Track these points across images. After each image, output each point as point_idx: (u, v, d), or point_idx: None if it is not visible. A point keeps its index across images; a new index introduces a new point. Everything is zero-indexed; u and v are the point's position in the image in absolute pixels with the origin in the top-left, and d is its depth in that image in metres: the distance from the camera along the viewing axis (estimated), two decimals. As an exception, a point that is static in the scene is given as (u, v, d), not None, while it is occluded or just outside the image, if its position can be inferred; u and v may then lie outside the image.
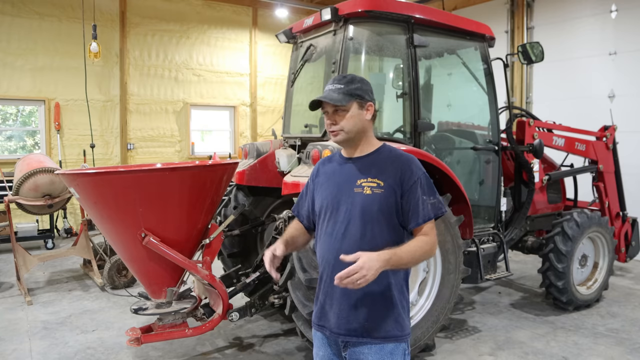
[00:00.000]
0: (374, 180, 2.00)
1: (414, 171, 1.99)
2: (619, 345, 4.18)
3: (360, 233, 1.99)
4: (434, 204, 2.00)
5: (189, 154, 9.96)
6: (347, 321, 2.00)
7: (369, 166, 2.04)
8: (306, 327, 3.46)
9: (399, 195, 1.98)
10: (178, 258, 3.36)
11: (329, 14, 3.96)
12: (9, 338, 4.34)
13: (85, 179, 3.20)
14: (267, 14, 10.67)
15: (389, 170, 2.00)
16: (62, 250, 6.19)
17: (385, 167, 2.02)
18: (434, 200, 2.00)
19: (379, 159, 2.05)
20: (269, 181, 4.50)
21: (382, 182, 1.99)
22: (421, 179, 1.99)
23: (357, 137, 2.05)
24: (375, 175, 2.00)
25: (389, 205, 1.98)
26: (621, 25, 7.31)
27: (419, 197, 1.97)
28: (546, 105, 8.35)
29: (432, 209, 1.99)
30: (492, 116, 4.64)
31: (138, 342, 3.37)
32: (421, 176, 2.00)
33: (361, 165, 2.05)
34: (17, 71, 8.23)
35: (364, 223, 1.98)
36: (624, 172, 5.95)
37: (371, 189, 1.99)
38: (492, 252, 4.56)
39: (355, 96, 2.01)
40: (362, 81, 2.06)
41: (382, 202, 1.97)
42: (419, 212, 1.97)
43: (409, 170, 1.99)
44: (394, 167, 2.01)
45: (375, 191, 1.98)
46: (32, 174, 5.42)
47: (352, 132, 2.03)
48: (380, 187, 1.98)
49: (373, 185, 1.99)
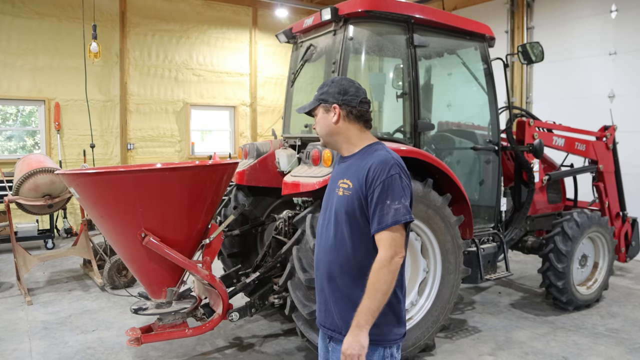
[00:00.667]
0: (346, 181, 1.99)
1: (381, 172, 1.89)
2: (619, 345, 4.18)
3: (332, 234, 2.01)
4: (397, 209, 1.86)
5: (189, 154, 9.96)
6: (325, 315, 2.08)
7: (349, 167, 2.03)
8: (306, 327, 3.46)
9: (363, 197, 1.92)
10: (178, 258, 3.36)
11: (329, 14, 3.96)
12: (9, 338, 4.34)
13: (85, 179, 3.20)
14: (267, 14, 10.67)
15: (359, 171, 1.96)
16: (62, 250, 6.19)
17: (359, 167, 1.97)
18: (398, 205, 1.86)
19: (359, 159, 2.01)
20: (269, 181, 4.50)
21: (351, 183, 1.96)
22: (386, 181, 1.87)
23: (331, 140, 2.07)
24: (350, 176, 1.99)
25: (354, 207, 1.94)
26: (621, 25, 7.31)
27: (380, 201, 1.87)
28: (546, 105, 8.35)
29: (394, 214, 1.85)
30: (492, 116, 4.64)
31: (138, 342, 3.37)
32: (387, 178, 1.88)
33: (345, 166, 2.07)
34: (17, 71, 8.23)
35: (336, 224, 2.00)
36: (624, 172, 5.95)
37: (343, 190, 1.99)
38: (492, 252, 4.56)
39: (319, 101, 2.05)
40: (333, 84, 2.05)
41: (348, 204, 1.95)
42: (379, 217, 1.87)
43: (376, 171, 1.90)
44: (364, 167, 1.94)
45: (345, 193, 1.98)
46: (32, 174, 5.42)
47: (322, 135, 2.07)
48: (349, 188, 1.96)
49: (345, 187, 1.99)
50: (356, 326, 1.83)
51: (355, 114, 2.04)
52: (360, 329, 1.82)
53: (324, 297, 2.07)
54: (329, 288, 2.03)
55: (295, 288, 3.46)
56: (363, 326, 1.82)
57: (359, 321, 1.83)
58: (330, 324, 2.05)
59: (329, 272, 2.02)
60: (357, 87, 2.08)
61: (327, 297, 2.05)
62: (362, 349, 1.81)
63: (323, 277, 2.06)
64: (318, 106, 2.06)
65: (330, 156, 3.50)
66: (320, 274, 2.08)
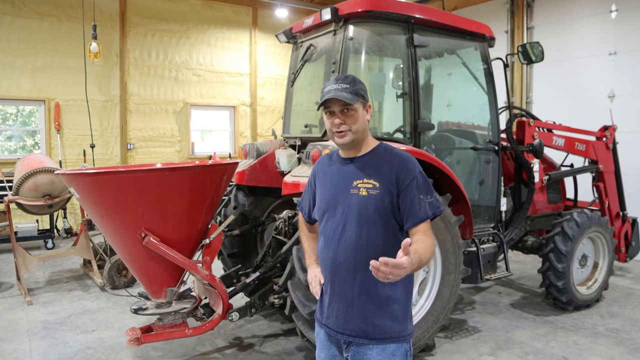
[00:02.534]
0: (369, 181, 1.98)
1: (410, 170, 1.97)
2: (619, 345, 4.18)
3: (356, 234, 1.98)
4: (431, 202, 1.96)
5: (189, 154, 9.96)
6: (345, 321, 2.00)
7: (365, 167, 2.03)
8: (306, 327, 3.46)
9: (395, 195, 1.96)
10: (178, 258, 3.36)
11: (329, 14, 3.96)
12: (9, 338, 4.34)
13: (85, 179, 3.20)
14: (267, 14, 10.67)
15: (384, 170, 1.98)
16: (62, 250, 6.18)
17: (381, 167, 2.00)
18: (431, 199, 1.97)
19: (375, 159, 2.04)
20: (269, 181, 4.51)
21: (377, 182, 1.97)
22: (417, 177, 1.96)
23: (362, 137, 2.05)
24: (371, 176, 1.99)
25: (384, 205, 1.95)
26: (621, 25, 7.31)
27: (415, 196, 1.94)
28: (546, 105, 8.35)
29: (430, 207, 1.95)
30: (492, 116, 4.64)
31: (138, 342, 3.37)
32: (417, 175, 1.97)
33: (357, 166, 2.04)
34: (17, 71, 8.23)
35: (360, 224, 1.97)
36: (624, 172, 5.95)
37: (367, 190, 1.98)
38: (492, 252, 4.56)
39: (360, 96, 2.01)
40: (361, 82, 2.07)
41: (378, 203, 1.95)
42: (415, 212, 1.93)
43: (405, 169, 1.97)
44: (390, 166, 1.98)
45: (371, 192, 1.97)
46: (32, 174, 5.42)
47: (359, 132, 2.02)
48: (375, 187, 1.97)
49: (369, 187, 1.98)
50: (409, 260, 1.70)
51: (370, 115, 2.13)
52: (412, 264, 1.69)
53: (345, 302, 2.00)
54: (353, 291, 1.98)
55: (295, 288, 3.46)
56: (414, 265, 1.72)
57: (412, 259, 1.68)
58: (353, 330, 1.99)
59: (354, 274, 1.98)
60: None
61: (350, 301, 1.99)
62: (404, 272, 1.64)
63: (345, 281, 2.00)
64: (358, 101, 2.02)
65: (330, 156, 3.49)
66: (340, 279, 2.01)
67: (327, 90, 2.02)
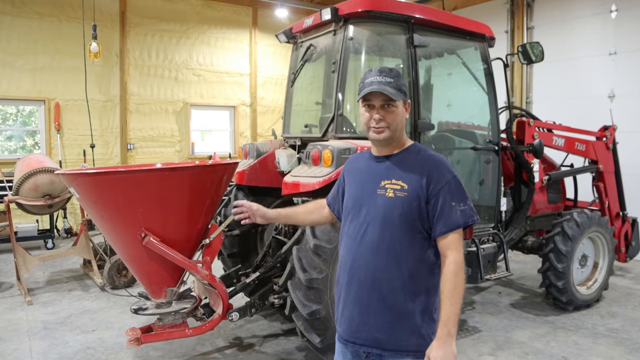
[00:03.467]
0: (398, 182, 1.87)
1: (442, 174, 1.85)
2: (619, 345, 4.18)
3: (378, 238, 1.87)
4: (464, 210, 1.83)
5: (189, 154, 9.96)
6: (358, 329, 1.90)
7: (395, 166, 1.92)
8: (306, 327, 3.46)
9: (423, 200, 1.83)
10: (178, 258, 3.36)
11: (329, 14, 3.96)
12: (9, 338, 4.34)
13: (85, 179, 3.20)
14: (267, 14, 10.67)
15: (415, 172, 1.86)
16: (62, 250, 6.18)
17: (412, 168, 1.88)
18: (464, 206, 1.84)
19: (407, 159, 1.92)
20: (269, 181, 4.50)
21: (406, 184, 1.85)
22: (450, 182, 1.84)
23: (398, 135, 1.94)
24: (400, 177, 1.88)
25: (411, 210, 1.83)
26: (621, 25, 7.31)
27: (446, 203, 1.82)
28: (546, 105, 8.35)
29: (462, 216, 1.83)
30: (492, 116, 4.64)
31: (138, 342, 3.37)
32: (450, 180, 1.85)
33: (388, 165, 1.93)
34: (17, 71, 8.23)
35: (384, 227, 1.86)
36: (624, 172, 5.95)
37: (394, 191, 1.86)
38: (492, 252, 4.56)
39: (403, 92, 1.91)
40: (400, 77, 1.95)
41: (405, 206, 1.84)
42: (445, 219, 1.82)
43: (437, 172, 1.85)
44: (421, 169, 1.86)
45: (398, 194, 1.85)
46: (32, 174, 5.42)
47: (397, 130, 1.92)
48: (403, 189, 1.85)
49: (396, 188, 1.86)
50: (448, 335, 1.73)
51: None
52: (452, 337, 1.73)
53: (360, 308, 1.89)
54: (370, 297, 1.87)
55: (295, 288, 3.46)
56: (454, 334, 1.74)
57: (449, 330, 1.73)
58: (366, 339, 1.88)
59: (372, 279, 1.87)
60: None
61: (366, 307, 1.88)
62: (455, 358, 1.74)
63: (362, 285, 1.89)
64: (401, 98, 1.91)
65: (330, 156, 3.49)
66: (359, 282, 1.90)
67: (370, 82, 1.89)
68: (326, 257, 3.41)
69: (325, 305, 3.41)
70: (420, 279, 1.87)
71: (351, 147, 3.50)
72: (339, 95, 3.93)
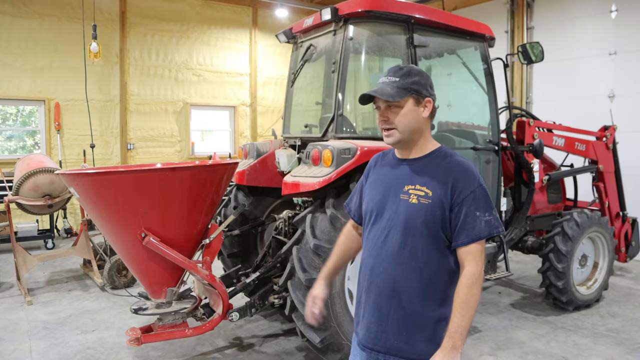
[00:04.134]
0: (422, 188, 1.80)
1: (468, 182, 1.77)
2: (619, 345, 4.18)
3: (399, 244, 1.82)
4: (488, 221, 1.77)
5: (189, 154, 9.96)
6: (376, 336, 1.87)
7: (419, 171, 1.84)
8: (306, 327, 3.46)
9: (447, 208, 1.77)
10: (178, 258, 3.36)
11: (329, 14, 3.96)
12: (9, 338, 4.34)
13: (85, 179, 3.20)
14: (267, 14, 10.67)
15: (440, 178, 1.79)
16: (62, 250, 6.18)
17: (437, 174, 1.80)
18: (489, 217, 1.77)
19: (432, 164, 1.84)
20: (269, 181, 4.50)
21: (430, 191, 1.78)
22: (476, 191, 1.77)
23: (412, 137, 1.85)
24: (425, 183, 1.80)
25: (435, 218, 1.77)
26: (621, 25, 7.31)
27: (470, 212, 1.75)
28: (546, 105, 8.35)
29: (486, 226, 1.76)
30: (492, 116, 4.64)
31: (138, 342, 3.37)
32: (477, 188, 1.77)
33: (412, 169, 1.86)
34: (17, 71, 8.23)
35: (406, 234, 1.80)
36: (624, 172, 5.95)
37: (418, 197, 1.80)
38: (492, 252, 4.56)
39: (411, 91, 1.81)
40: (420, 74, 1.86)
41: (428, 214, 1.77)
42: (468, 229, 1.75)
43: (463, 180, 1.77)
44: (446, 175, 1.79)
45: (422, 201, 1.79)
46: (32, 174, 5.42)
47: (406, 131, 1.83)
48: (427, 196, 1.78)
49: (420, 194, 1.79)
50: (452, 348, 1.68)
51: (434, 113, 1.89)
52: (457, 350, 1.69)
53: (379, 315, 1.85)
54: (389, 305, 1.83)
55: (295, 288, 3.46)
56: (459, 347, 1.69)
57: (454, 342, 1.69)
58: (383, 346, 1.85)
59: (392, 287, 1.83)
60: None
61: (385, 315, 1.84)
62: None
63: (382, 292, 1.85)
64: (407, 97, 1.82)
65: (330, 156, 3.49)
66: (378, 289, 1.86)
67: (377, 83, 1.87)
68: (326, 257, 3.40)
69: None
70: (441, 288, 1.82)
71: (351, 147, 3.50)
72: (339, 95, 3.93)
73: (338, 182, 3.49)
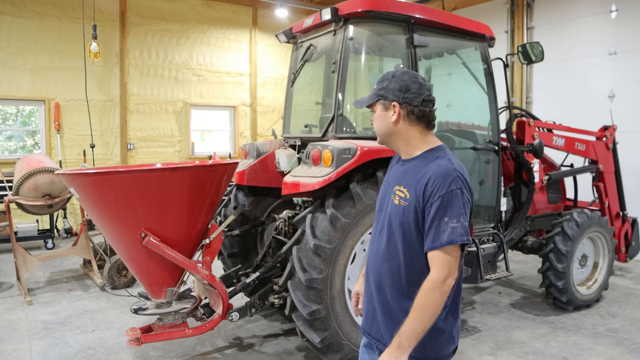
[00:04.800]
0: (403, 189, 1.84)
1: (441, 186, 1.73)
2: (619, 345, 4.18)
3: (385, 243, 1.89)
4: (454, 228, 1.70)
5: (189, 154, 9.96)
6: (372, 323, 1.98)
7: (407, 172, 1.88)
8: (306, 327, 3.46)
9: (420, 210, 1.76)
10: (178, 258, 3.36)
11: (329, 14, 3.96)
12: (9, 338, 4.34)
13: (85, 179, 3.20)
14: (267, 14, 10.67)
15: (418, 180, 1.79)
16: (62, 251, 6.18)
17: (417, 176, 1.81)
18: (455, 224, 1.71)
19: (418, 166, 1.85)
20: (269, 181, 4.50)
21: (408, 193, 1.81)
22: (446, 196, 1.72)
23: (389, 140, 1.93)
24: (407, 185, 1.83)
25: (409, 220, 1.79)
26: (621, 25, 7.31)
27: (437, 217, 1.72)
28: (546, 105, 8.35)
29: (450, 234, 1.70)
30: (492, 116, 4.64)
31: (138, 342, 3.37)
32: (448, 193, 1.72)
33: (403, 170, 1.91)
34: (17, 71, 8.23)
35: (390, 233, 1.87)
36: (624, 172, 5.94)
37: (399, 199, 1.84)
38: (492, 252, 4.56)
39: (377, 96, 1.90)
40: (391, 79, 1.90)
41: (404, 216, 1.80)
42: (433, 235, 1.73)
43: (436, 184, 1.74)
44: (423, 178, 1.78)
45: (401, 202, 1.82)
46: (32, 174, 5.42)
47: (380, 134, 1.93)
48: (405, 198, 1.81)
49: (401, 195, 1.84)
50: (397, 346, 1.69)
51: (416, 114, 1.87)
52: (401, 350, 1.68)
53: (373, 305, 1.97)
54: (377, 298, 1.93)
55: (295, 288, 3.46)
56: (405, 348, 1.68)
57: (400, 342, 1.69)
58: (376, 333, 1.96)
59: (378, 282, 1.92)
60: (421, 83, 1.89)
61: (375, 306, 1.95)
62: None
63: (372, 285, 1.96)
64: (377, 102, 1.91)
65: (330, 156, 3.49)
66: (370, 282, 1.98)
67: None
68: (326, 257, 3.41)
69: (325, 305, 3.41)
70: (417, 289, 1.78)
71: (351, 147, 3.50)
72: (339, 95, 3.93)
73: (338, 182, 3.49)
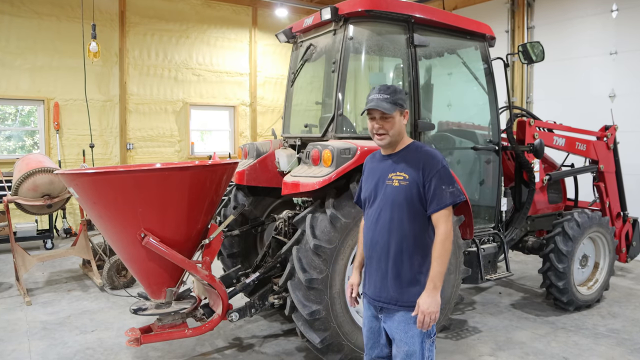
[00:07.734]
0: (401, 173, 2.38)
1: (434, 165, 2.34)
2: (620, 345, 4.18)
3: (389, 218, 2.37)
4: (452, 192, 2.32)
5: (189, 154, 9.95)
6: (381, 290, 2.42)
7: (398, 162, 2.42)
8: (306, 327, 3.45)
9: (421, 185, 2.33)
10: (178, 258, 3.35)
11: (329, 13, 3.95)
12: (8, 338, 4.33)
13: (84, 179, 3.19)
14: (267, 14, 10.66)
15: (414, 165, 2.36)
16: (61, 251, 6.17)
17: (411, 162, 2.38)
18: (452, 189, 2.32)
19: (408, 155, 2.42)
20: (268, 181, 4.49)
21: (407, 175, 2.36)
22: (440, 171, 2.33)
23: (396, 139, 2.43)
24: (403, 170, 2.38)
25: (412, 194, 2.34)
26: (622, 25, 7.31)
27: (437, 186, 2.31)
28: (546, 105, 8.34)
29: (450, 196, 2.31)
30: (492, 116, 4.63)
31: (137, 343, 3.36)
32: (440, 168, 2.33)
33: (393, 161, 2.44)
34: (16, 71, 8.22)
35: (392, 210, 2.37)
36: (625, 172, 5.93)
37: (399, 181, 2.37)
38: (492, 252, 4.55)
39: (398, 105, 2.38)
40: (401, 92, 2.42)
41: (407, 192, 2.34)
42: (437, 199, 2.30)
43: (430, 164, 2.34)
44: (418, 162, 2.36)
45: (402, 183, 2.36)
46: (31, 174, 5.41)
47: (394, 135, 2.41)
48: (405, 179, 2.36)
49: (400, 178, 2.37)
50: (434, 288, 2.26)
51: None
52: (437, 290, 2.27)
53: (381, 273, 2.41)
54: (387, 266, 2.38)
55: (295, 288, 3.45)
56: (438, 287, 2.27)
57: (435, 283, 2.26)
58: (385, 297, 2.40)
59: (387, 251, 2.38)
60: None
61: (384, 273, 2.39)
62: (438, 305, 2.27)
63: (381, 256, 2.40)
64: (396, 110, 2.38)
65: (330, 156, 3.48)
66: (378, 254, 2.42)
67: (371, 99, 2.39)
68: (326, 257, 3.40)
69: (325, 305, 3.40)
70: (422, 249, 2.37)
71: (351, 147, 3.49)
72: (339, 95, 3.92)
73: (338, 182, 3.48)
